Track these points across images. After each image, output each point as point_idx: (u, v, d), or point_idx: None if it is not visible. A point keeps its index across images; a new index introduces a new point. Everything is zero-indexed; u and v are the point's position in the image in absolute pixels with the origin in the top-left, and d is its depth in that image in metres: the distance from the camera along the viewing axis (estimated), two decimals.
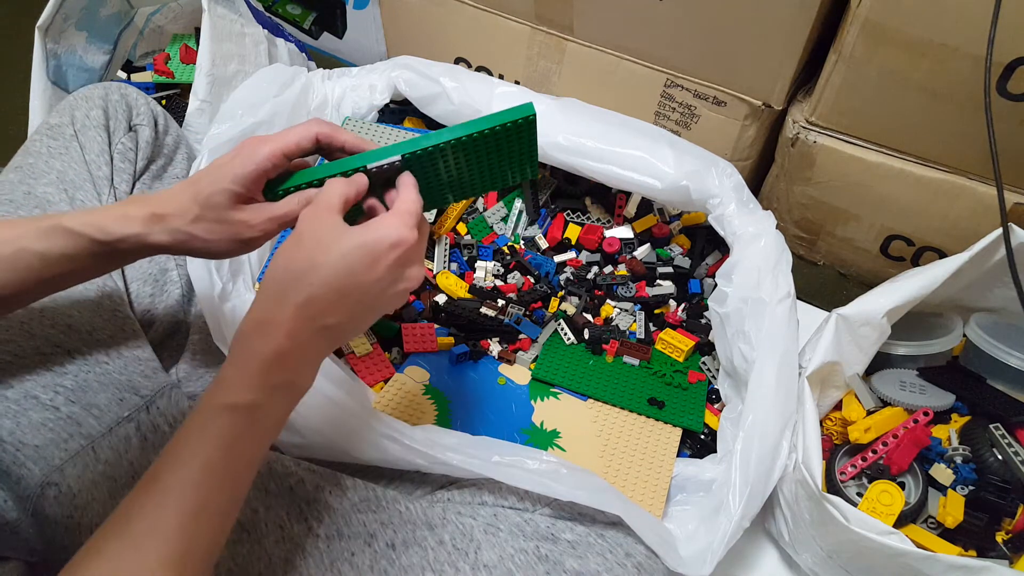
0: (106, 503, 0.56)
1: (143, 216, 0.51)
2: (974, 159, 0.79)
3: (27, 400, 0.57)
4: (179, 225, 0.51)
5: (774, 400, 0.66)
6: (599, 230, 0.91)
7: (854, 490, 0.69)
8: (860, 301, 0.71)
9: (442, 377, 0.79)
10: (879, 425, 0.69)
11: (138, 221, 0.51)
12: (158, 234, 0.51)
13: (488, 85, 0.87)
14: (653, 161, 0.80)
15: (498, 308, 0.83)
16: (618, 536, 0.60)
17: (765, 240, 0.75)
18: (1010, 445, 0.67)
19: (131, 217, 0.51)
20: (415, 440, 0.63)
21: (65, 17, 0.93)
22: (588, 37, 0.95)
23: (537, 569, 0.56)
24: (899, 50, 0.75)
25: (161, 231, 0.51)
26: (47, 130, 0.72)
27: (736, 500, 0.63)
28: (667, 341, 0.83)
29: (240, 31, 0.97)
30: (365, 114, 0.95)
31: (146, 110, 0.78)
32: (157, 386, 0.62)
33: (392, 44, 1.17)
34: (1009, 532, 0.65)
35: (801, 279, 0.86)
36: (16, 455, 0.55)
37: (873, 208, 0.89)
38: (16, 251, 0.50)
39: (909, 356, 0.77)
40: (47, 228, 0.50)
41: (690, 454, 0.76)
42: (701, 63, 0.89)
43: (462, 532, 0.59)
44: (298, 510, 0.58)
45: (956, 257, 0.69)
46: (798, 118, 0.87)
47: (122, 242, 0.51)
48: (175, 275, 0.73)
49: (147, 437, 0.59)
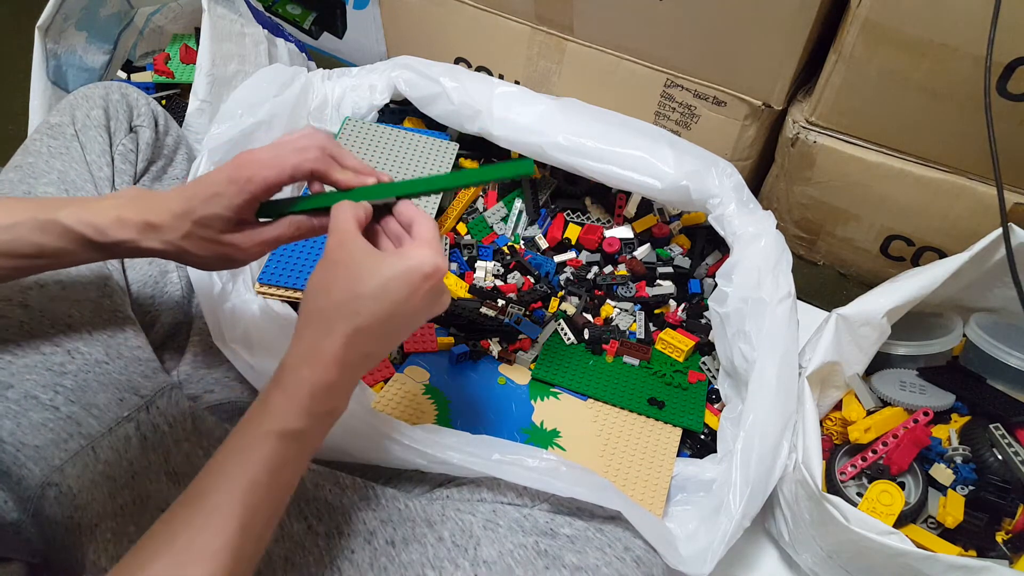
0: (106, 503, 0.56)
1: (137, 223, 0.51)
2: (974, 159, 0.79)
3: (27, 400, 0.57)
4: (171, 238, 0.51)
5: (774, 400, 0.66)
6: (599, 230, 0.91)
7: (854, 490, 0.69)
8: (860, 301, 0.71)
9: (442, 377, 0.79)
10: (879, 425, 0.69)
11: (132, 228, 0.51)
12: (151, 242, 0.52)
13: (488, 85, 0.87)
14: (653, 161, 0.80)
15: (498, 308, 0.83)
16: (617, 531, 0.60)
17: (765, 240, 0.75)
18: (1010, 445, 0.67)
19: (126, 222, 0.51)
20: (415, 440, 0.63)
21: (65, 17, 0.93)
22: (588, 37, 0.95)
23: (536, 564, 0.57)
24: (899, 50, 0.75)
25: (154, 239, 0.52)
26: (47, 129, 0.72)
27: (736, 500, 0.63)
28: (667, 341, 0.83)
29: (240, 31, 0.98)
30: (365, 114, 0.95)
31: (147, 110, 0.78)
32: (157, 386, 0.62)
33: (392, 44, 1.17)
34: (1009, 532, 0.65)
35: (801, 279, 0.86)
36: (16, 455, 0.55)
37: (873, 208, 0.89)
38: (13, 239, 0.51)
39: (909, 356, 0.77)
40: (45, 222, 0.51)
41: (690, 454, 0.77)
42: (701, 63, 0.89)
43: (461, 528, 0.59)
44: (297, 509, 0.58)
45: (956, 257, 0.69)
46: (798, 118, 0.87)
47: (118, 245, 0.52)
48: (175, 276, 0.73)
49: (147, 437, 0.59)
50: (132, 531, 0.55)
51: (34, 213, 0.51)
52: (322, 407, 0.46)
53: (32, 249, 0.51)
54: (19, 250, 0.51)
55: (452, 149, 0.93)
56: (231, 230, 0.52)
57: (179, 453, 0.59)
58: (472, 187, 0.53)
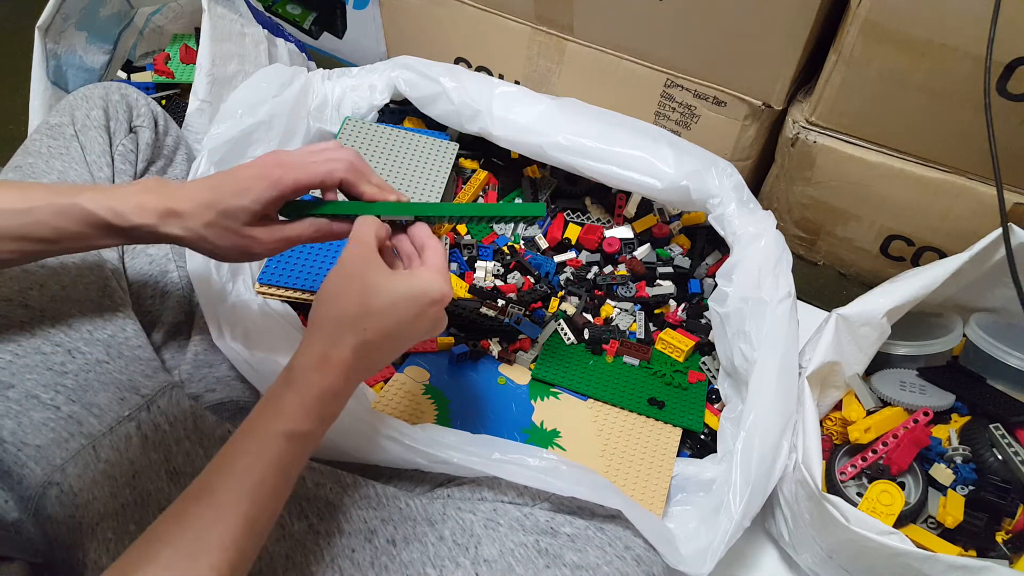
0: (107, 502, 0.56)
1: (160, 209, 0.52)
2: (974, 159, 0.79)
3: (28, 400, 0.57)
4: (193, 224, 0.52)
5: (774, 400, 0.66)
6: (599, 230, 0.91)
7: (854, 490, 0.69)
8: (860, 301, 0.71)
9: (442, 377, 0.79)
10: (879, 425, 0.69)
11: (154, 213, 0.52)
12: (172, 228, 0.52)
13: (488, 85, 0.87)
14: (653, 161, 0.80)
15: (498, 308, 0.83)
16: (617, 529, 0.60)
17: (765, 240, 0.75)
18: (1010, 445, 0.67)
19: (147, 208, 0.52)
20: (415, 439, 0.63)
21: (65, 17, 0.93)
22: (588, 37, 0.95)
23: (537, 563, 0.57)
24: (899, 50, 0.75)
25: (175, 226, 0.52)
26: (47, 130, 0.72)
27: (736, 500, 0.63)
28: (667, 341, 0.83)
29: (240, 31, 0.98)
30: (365, 114, 0.96)
31: (146, 111, 0.78)
32: (158, 385, 0.62)
33: (392, 44, 1.17)
34: (1009, 532, 0.65)
35: (801, 279, 0.86)
36: (18, 455, 0.56)
37: (873, 208, 0.89)
38: (31, 222, 0.51)
39: (909, 356, 0.77)
40: (64, 206, 0.52)
41: (690, 454, 0.77)
42: (701, 63, 0.89)
43: (462, 527, 0.59)
44: (298, 508, 0.58)
45: (956, 257, 0.69)
46: (798, 118, 0.87)
47: (136, 229, 0.52)
48: (175, 276, 0.73)
49: (148, 436, 0.59)
50: (133, 530, 0.55)
51: (53, 197, 0.52)
52: (327, 411, 0.48)
53: (51, 233, 0.52)
54: (37, 234, 0.52)
55: (452, 149, 0.93)
56: (254, 223, 0.54)
57: (180, 452, 0.59)
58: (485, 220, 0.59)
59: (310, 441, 0.48)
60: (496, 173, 0.98)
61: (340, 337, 0.48)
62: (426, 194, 0.89)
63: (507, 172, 0.98)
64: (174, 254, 0.74)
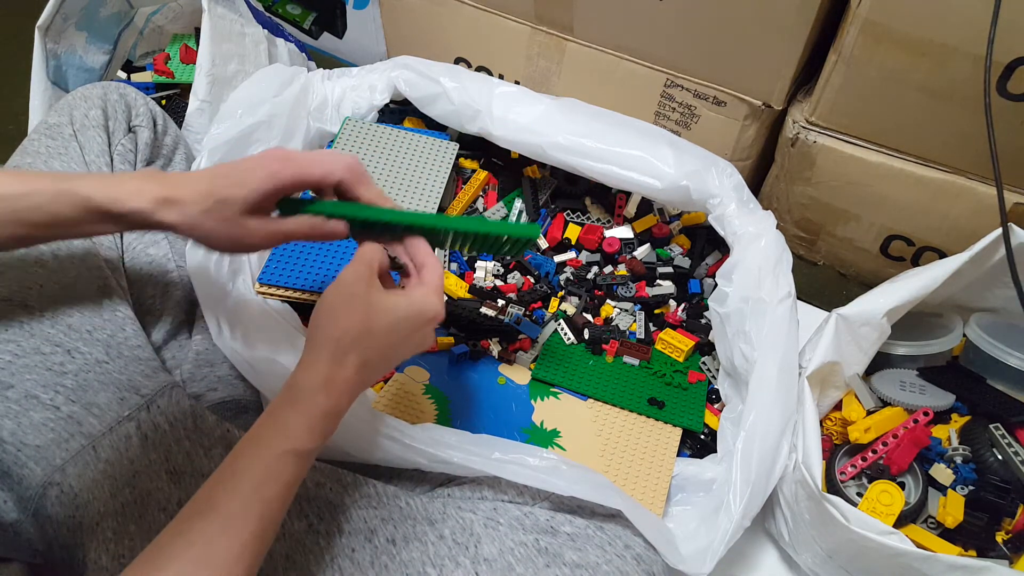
0: (107, 502, 0.56)
1: (157, 196, 0.52)
2: (974, 159, 0.79)
3: (28, 400, 0.57)
4: (190, 211, 0.52)
5: (774, 400, 0.66)
6: (599, 230, 0.91)
7: (854, 490, 0.69)
8: (860, 301, 0.71)
9: (442, 377, 0.79)
10: (879, 425, 0.69)
11: (151, 199, 0.52)
12: (167, 215, 0.52)
13: (488, 85, 0.87)
14: (653, 161, 0.80)
15: (498, 308, 0.83)
16: (617, 528, 0.60)
17: (765, 240, 0.75)
18: (1010, 445, 0.67)
19: (144, 194, 0.52)
20: (415, 439, 0.63)
21: (65, 17, 0.93)
22: (588, 37, 0.95)
23: (537, 562, 0.57)
24: (899, 50, 0.75)
25: (171, 213, 0.52)
26: (45, 129, 0.72)
27: (737, 500, 0.63)
28: (667, 341, 0.83)
29: (240, 31, 0.98)
30: (365, 114, 0.95)
31: (145, 110, 0.78)
32: (158, 385, 0.62)
33: (392, 44, 1.17)
34: (1009, 532, 0.65)
35: (801, 279, 0.86)
36: (17, 455, 0.55)
37: (873, 208, 0.89)
38: (28, 207, 0.51)
39: (909, 356, 0.77)
40: (61, 191, 0.52)
41: (690, 454, 0.77)
42: (701, 63, 0.89)
43: (462, 526, 0.59)
44: (298, 507, 0.58)
45: (956, 257, 0.69)
46: (798, 118, 0.87)
47: (131, 215, 0.52)
48: (175, 276, 0.73)
49: (148, 436, 0.59)
50: (133, 530, 0.55)
51: (50, 183, 0.52)
52: (329, 429, 0.50)
53: (47, 218, 0.52)
54: (33, 219, 0.52)
55: (452, 149, 0.93)
56: (250, 214, 0.54)
57: (180, 452, 0.59)
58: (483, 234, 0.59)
59: (312, 456, 0.50)
60: (496, 173, 0.98)
61: (344, 357, 0.49)
62: (426, 194, 0.89)
63: (507, 172, 0.98)
64: (174, 254, 0.74)
